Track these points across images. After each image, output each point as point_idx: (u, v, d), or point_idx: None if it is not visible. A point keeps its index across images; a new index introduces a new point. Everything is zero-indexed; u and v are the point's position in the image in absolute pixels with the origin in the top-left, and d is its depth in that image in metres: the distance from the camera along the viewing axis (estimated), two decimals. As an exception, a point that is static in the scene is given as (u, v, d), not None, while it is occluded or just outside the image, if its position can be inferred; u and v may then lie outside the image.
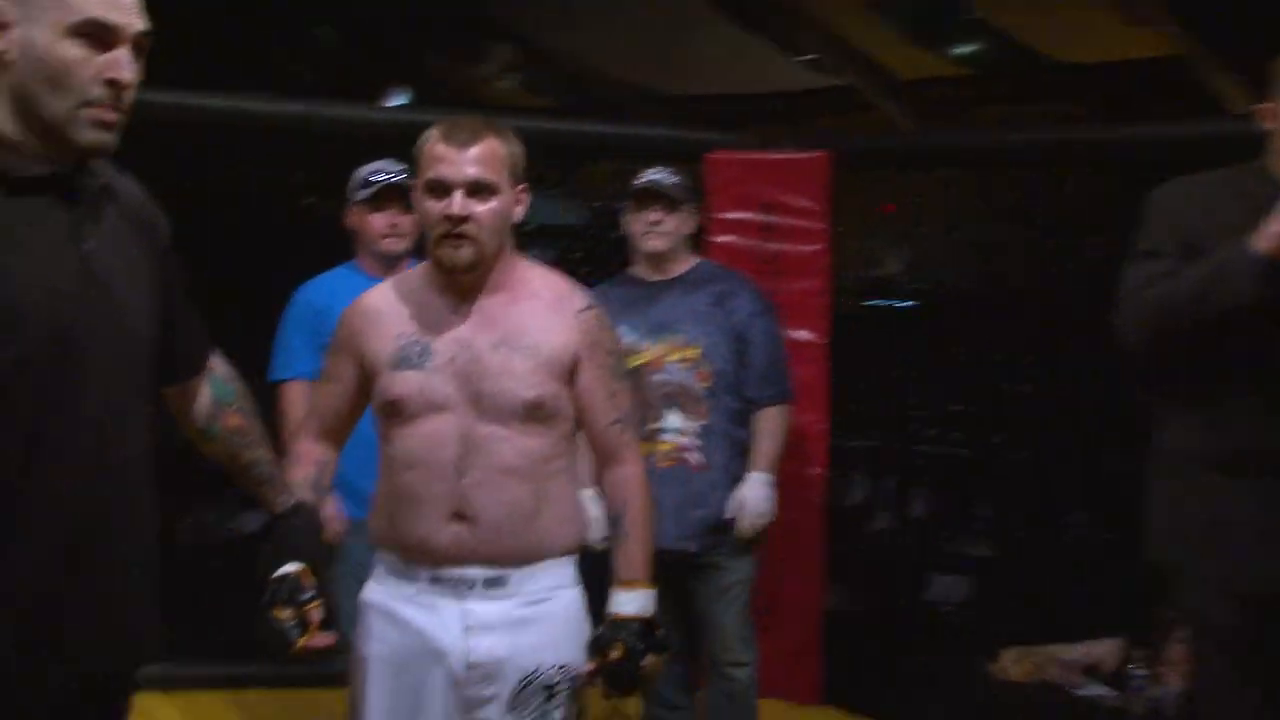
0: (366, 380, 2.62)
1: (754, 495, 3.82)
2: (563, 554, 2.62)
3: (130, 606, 2.15)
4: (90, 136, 1.97)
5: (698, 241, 4.27)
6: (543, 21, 9.33)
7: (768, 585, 4.91)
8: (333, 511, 3.61)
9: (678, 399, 3.84)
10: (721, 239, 4.99)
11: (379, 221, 3.81)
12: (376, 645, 2.58)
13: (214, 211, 5.58)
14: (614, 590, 2.59)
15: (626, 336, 3.80)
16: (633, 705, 2.86)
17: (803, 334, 4.93)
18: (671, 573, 3.82)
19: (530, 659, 2.53)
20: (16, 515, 1.96)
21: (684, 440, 3.85)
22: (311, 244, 4.32)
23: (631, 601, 2.55)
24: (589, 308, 2.64)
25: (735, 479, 3.85)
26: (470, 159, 2.47)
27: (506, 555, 2.52)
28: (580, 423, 2.64)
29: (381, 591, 2.61)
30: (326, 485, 2.71)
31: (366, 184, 3.83)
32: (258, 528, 4.79)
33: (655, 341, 3.86)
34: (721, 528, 3.85)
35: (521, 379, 2.51)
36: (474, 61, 10.29)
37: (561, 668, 2.55)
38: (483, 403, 2.50)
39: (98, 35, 1.94)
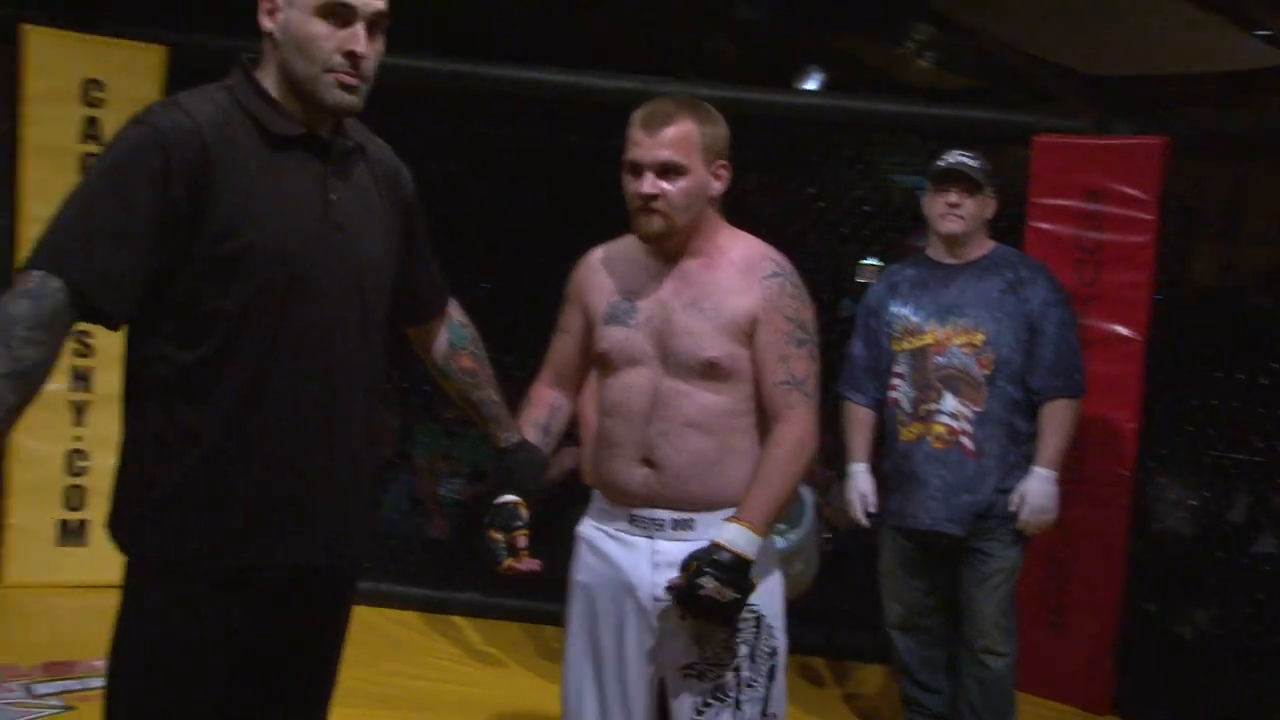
0: (591, 330, 2.84)
1: (1036, 490, 3.76)
2: None
3: (349, 510, 2.44)
4: (335, 96, 2.30)
5: (1000, 226, 4.20)
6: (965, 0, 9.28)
7: (1061, 586, 4.81)
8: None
9: (957, 383, 3.82)
10: (1041, 225, 4.82)
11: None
12: (583, 574, 2.81)
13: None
14: (727, 521, 2.65)
15: (911, 317, 3.90)
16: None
17: (1119, 328, 4.74)
18: (936, 554, 3.93)
19: None
20: (250, 424, 2.30)
21: (958, 424, 3.81)
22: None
23: (729, 532, 2.61)
24: (775, 274, 2.74)
25: (1010, 468, 3.79)
26: (661, 142, 2.65)
27: (691, 500, 2.69)
28: (756, 380, 2.74)
29: (590, 526, 2.84)
30: (557, 429, 2.93)
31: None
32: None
33: (941, 324, 3.84)
34: (991, 514, 3.79)
35: (702, 338, 2.68)
36: (891, 40, 10.34)
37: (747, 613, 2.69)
38: (669, 359, 2.69)
39: (340, 14, 2.28)
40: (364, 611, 4.98)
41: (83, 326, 2.29)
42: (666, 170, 2.65)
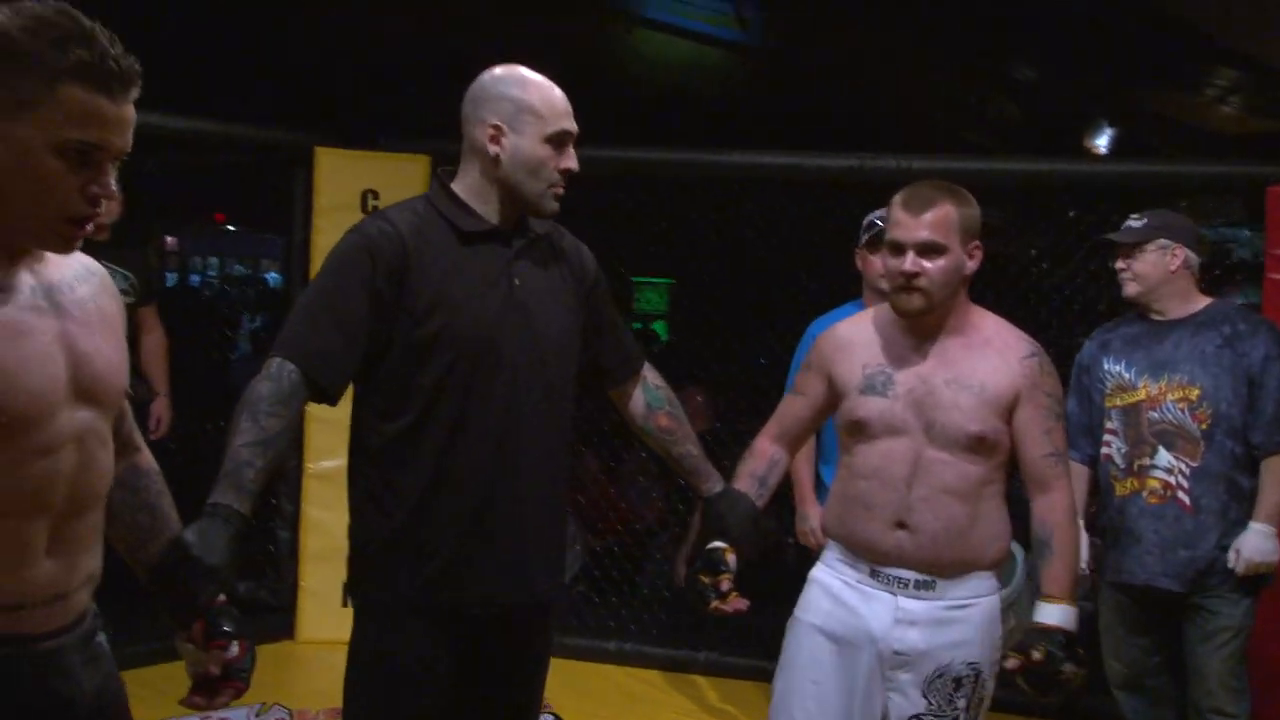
0: (833, 398, 3.06)
1: (1252, 544, 3.77)
2: (989, 567, 2.97)
3: (530, 553, 2.81)
4: (552, 206, 2.78)
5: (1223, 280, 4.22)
6: (1274, 41, 8.97)
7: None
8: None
9: (1172, 438, 3.87)
10: (1277, 276, 4.79)
11: (877, 263, 4.17)
12: (813, 615, 3.02)
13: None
14: (1039, 603, 2.87)
15: (1124, 373, 3.99)
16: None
17: None
18: (1157, 610, 3.98)
19: (946, 654, 2.89)
20: (441, 479, 2.71)
21: (1174, 479, 3.85)
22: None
23: (1054, 614, 2.82)
24: (1032, 355, 2.95)
25: (1232, 524, 3.81)
26: (923, 224, 2.87)
27: (938, 563, 2.90)
28: (1017, 453, 2.95)
29: (828, 573, 3.04)
30: (772, 482, 3.16)
31: (870, 227, 4.23)
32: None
33: (1155, 380, 3.90)
34: (1214, 571, 3.82)
35: (968, 413, 2.88)
36: (1191, 88, 10.07)
37: (971, 664, 2.90)
38: (933, 430, 2.89)
39: (563, 141, 2.76)
40: (608, 669, 5.46)
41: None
42: (927, 250, 2.87)
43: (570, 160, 2.78)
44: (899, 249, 2.90)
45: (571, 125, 2.79)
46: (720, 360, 6.40)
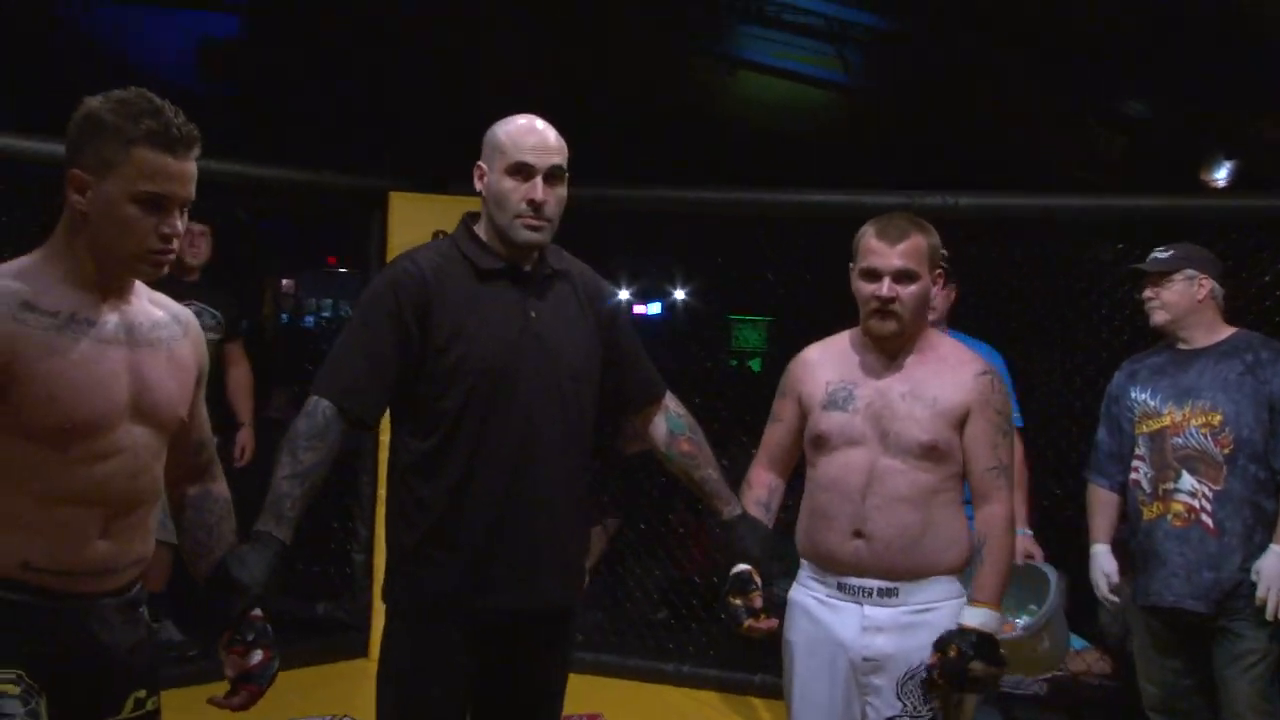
0: (804, 417, 3.28)
1: (1269, 567, 3.86)
2: (946, 572, 3.14)
3: (545, 565, 3.00)
4: (523, 236, 2.96)
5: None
6: None
7: None
8: None
9: (1195, 462, 3.97)
10: None
11: None
12: (797, 634, 3.23)
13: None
14: (965, 606, 3.06)
15: (1150, 401, 4.11)
16: (968, 705, 3.21)
17: None
18: (1186, 633, 4.09)
19: (915, 656, 3.06)
20: (461, 497, 2.94)
21: (1197, 503, 3.96)
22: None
23: (975, 616, 3.02)
24: (985, 373, 3.17)
25: (1257, 548, 3.90)
26: (898, 253, 3.11)
27: (896, 570, 3.08)
28: (965, 466, 3.15)
29: (802, 592, 3.25)
30: (775, 506, 3.36)
31: None
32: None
33: (1179, 406, 4.02)
34: (1239, 594, 3.90)
35: (922, 423, 3.09)
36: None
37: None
38: (889, 440, 3.11)
39: (524, 172, 2.94)
40: (667, 690, 5.69)
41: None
42: (902, 276, 3.10)
43: (534, 191, 2.93)
44: (875, 275, 3.12)
45: (536, 158, 2.95)
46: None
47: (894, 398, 3.12)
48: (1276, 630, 3.94)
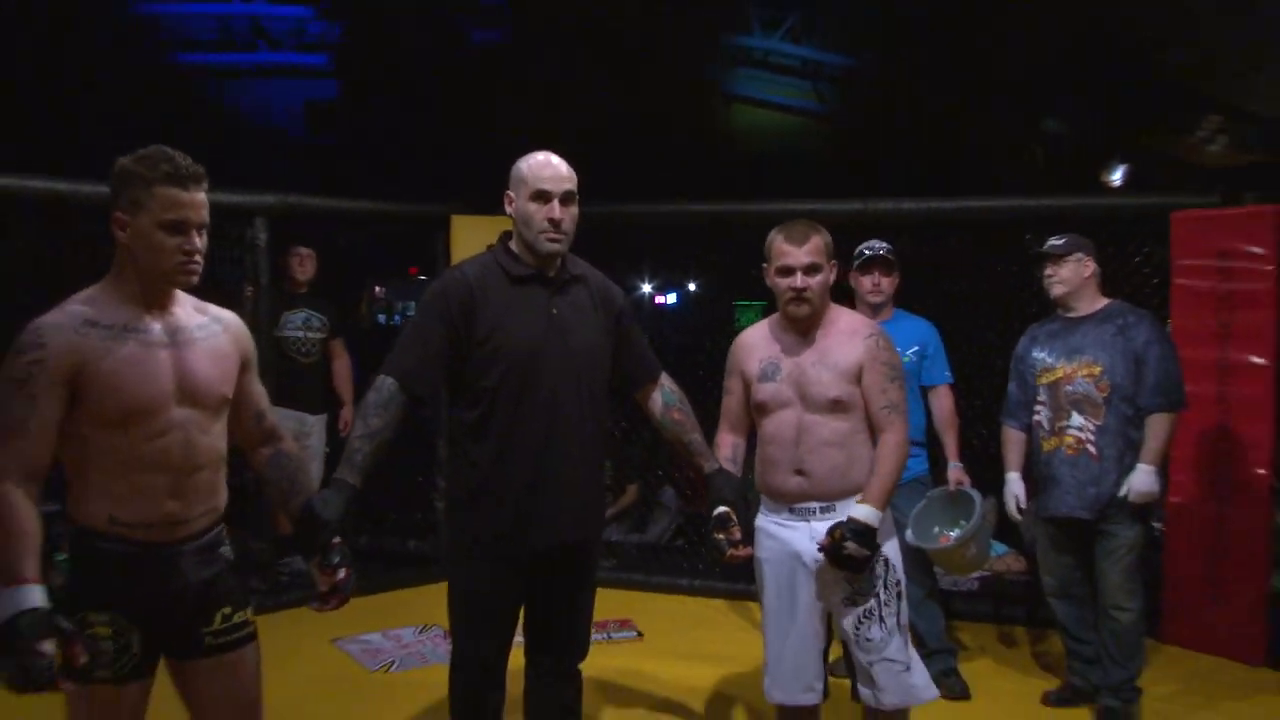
0: (749, 388, 3.34)
1: (1138, 480, 4.02)
2: None
3: (575, 505, 3.10)
4: (547, 248, 3.06)
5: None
6: (1250, 91, 9.03)
7: (1216, 567, 4.90)
8: None
9: (1082, 404, 4.10)
10: (1182, 281, 5.03)
11: (866, 282, 4.53)
12: (764, 552, 3.31)
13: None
14: (854, 503, 3.12)
15: (1047, 358, 4.24)
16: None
17: (1252, 358, 4.86)
18: (1075, 536, 4.21)
19: None
20: (505, 453, 3.04)
21: (1084, 435, 4.08)
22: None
23: (860, 511, 3.08)
24: (871, 335, 3.23)
25: (1127, 469, 4.04)
26: (805, 251, 3.18)
27: (830, 494, 3.19)
28: (866, 407, 3.20)
29: (764, 519, 3.33)
30: (739, 459, 3.38)
31: (859, 255, 4.55)
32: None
33: (1070, 361, 4.14)
34: (1112, 504, 4.05)
35: (828, 384, 3.18)
36: (1185, 132, 10.11)
37: (878, 559, 3.16)
38: (807, 400, 3.21)
39: (544, 197, 3.04)
40: (683, 599, 5.77)
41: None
42: (810, 270, 3.17)
43: (552, 211, 3.02)
44: (789, 271, 3.18)
45: (553, 186, 3.03)
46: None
47: (807, 366, 3.21)
48: (1140, 531, 4.11)
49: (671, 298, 14.82)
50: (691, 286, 12.67)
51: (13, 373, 2.31)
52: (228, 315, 2.66)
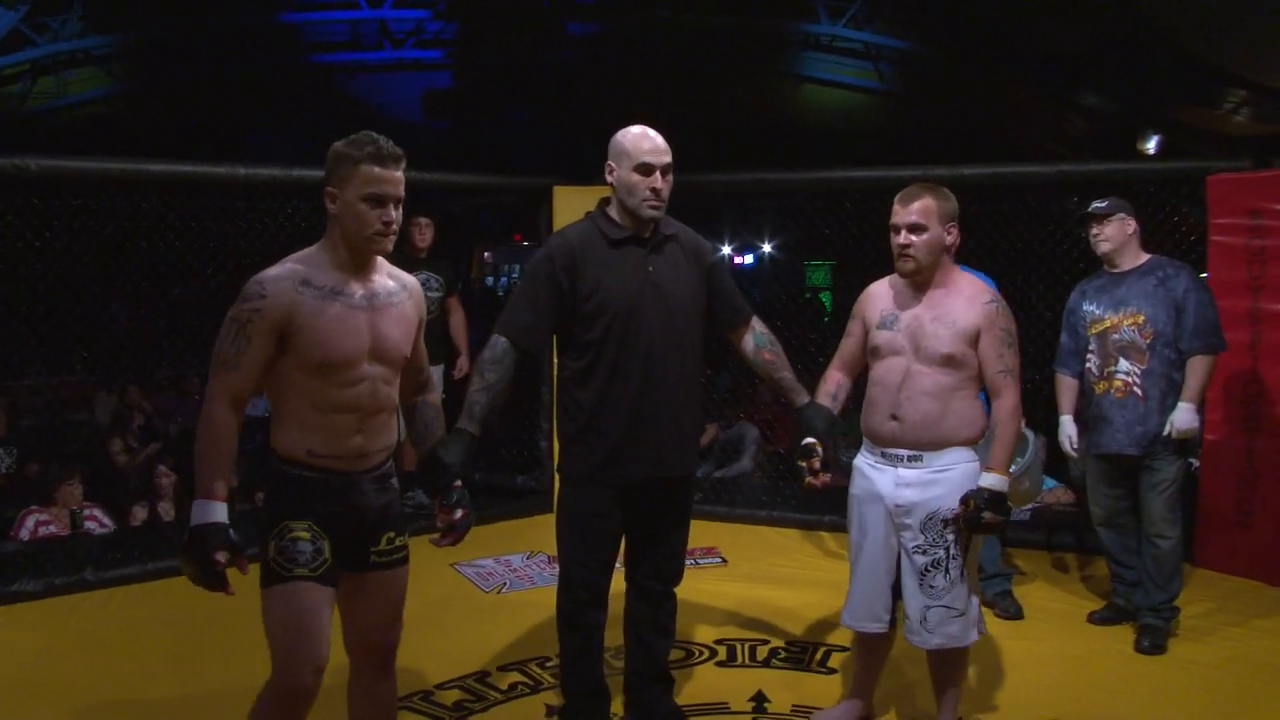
0: (867, 334, 3.18)
1: (1180, 417, 3.92)
2: (964, 444, 3.03)
3: (668, 443, 3.07)
4: (648, 214, 3.01)
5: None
6: (1272, 65, 8.76)
7: (1249, 497, 4.75)
8: None
9: (1128, 350, 4.00)
10: (1218, 238, 4.85)
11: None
12: (856, 488, 3.18)
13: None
14: (982, 471, 2.98)
15: (1096, 310, 4.12)
16: (976, 541, 3.12)
17: None
18: (1122, 470, 4.11)
19: (934, 504, 3.01)
20: (605, 399, 3.02)
21: (1131, 379, 3.99)
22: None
23: (989, 480, 2.93)
24: (992, 301, 3.03)
25: (1169, 408, 3.95)
26: (911, 211, 3.01)
27: (920, 443, 3.01)
28: (981, 369, 3.03)
29: (860, 458, 3.18)
30: (842, 398, 3.28)
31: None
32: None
33: (1116, 312, 4.05)
34: (1157, 440, 3.95)
35: (944, 340, 3.00)
36: (1212, 105, 9.84)
37: (953, 509, 3.00)
38: (920, 352, 3.03)
39: (648, 170, 2.98)
40: (762, 529, 5.69)
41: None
42: (914, 229, 3.01)
43: (655, 182, 2.96)
44: (897, 229, 3.04)
45: (654, 158, 2.97)
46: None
47: (926, 321, 3.04)
48: (1182, 465, 4.01)
49: (749, 258, 14.70)
50: (766, 248, 12.53)
51: (237, 315, 2.39)
52: (412, 281, 2.67)
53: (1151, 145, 10.38)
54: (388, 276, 2.58)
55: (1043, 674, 3.76)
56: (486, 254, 14.33)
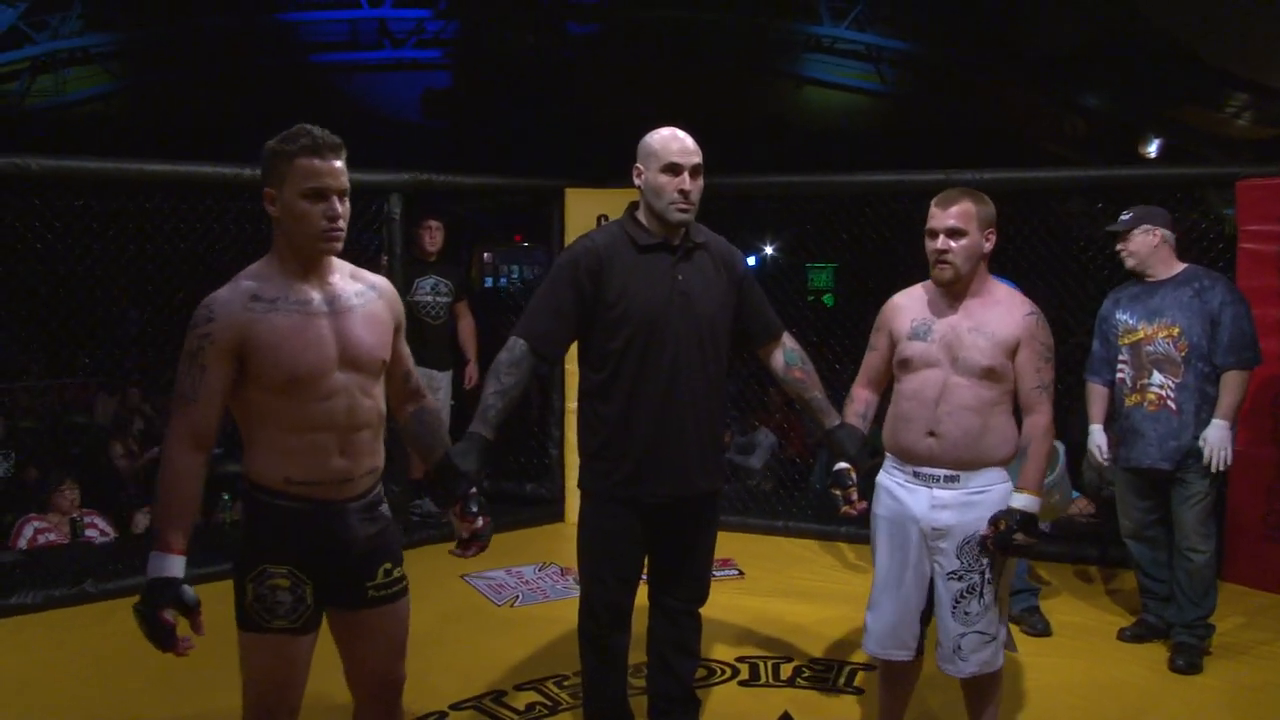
0: (894, 347, 2.96)
1: (1213, 435, 3.80)
2: (997, 464, 2.83)
3: (692, 461, 2.93)
4: (677, 217, 2.86)
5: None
6: (1274, 70, 8.69)
7: (1277, 508, 4.61)
8: None
9: (1162, 363, 3.87)
10: (1248, 245, 4.71)
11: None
12: (881, 509, 2.96)
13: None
14: (1013, 492, 2.79)
15: (1129, 320, 3.98)
16: (1010, 563, 2.95)
17: None
18: (1153, 483, 3.99)
19: (971, 527, 2.81)
20: (627, 414, 2.89)
21: (1165, 392, 3.86)
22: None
23: (1020, 500, 2.76)
24: (1031, 313, 2.85)
25: (1203, 423, 3.81)
26: (949, 215, 2.82)
27: (959, 462, 2.81)
28: (1016, 384, 2.84)
29: (886, 477, 2.97)
30: (870, 416, 3.06)
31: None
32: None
33: (1150, 323, 3.90)
34: (1190, 455, 3.83)
35: (983, 351, 2.81)
36: (1214, 108, 9.78)
37: (985, 532, 2.80)
38: (958, 363, 2.82)
39: (674, 170, 2.84)
40: (777, 539, 5.52)
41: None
42: (953, 233, 2.80)
43: (683, 183, 2.83)
44: (934, 234, 2.85)
45: (682, 159, 2.83)
46: (868, 318, 6.35)
47: (963, 331, 2.84)
48: (1213, 479, 3.89)
49: (750, 260, 14.61)
50: (768, 249, 12.41)
51: (188, 344, 2.21)
52: (381, 281, 2.45)
53: (1153, 148, 10.27)
54: (350, 278, 2.36)
55: (1076, 695, 3.62)
56: (486, 255, 14.21)
